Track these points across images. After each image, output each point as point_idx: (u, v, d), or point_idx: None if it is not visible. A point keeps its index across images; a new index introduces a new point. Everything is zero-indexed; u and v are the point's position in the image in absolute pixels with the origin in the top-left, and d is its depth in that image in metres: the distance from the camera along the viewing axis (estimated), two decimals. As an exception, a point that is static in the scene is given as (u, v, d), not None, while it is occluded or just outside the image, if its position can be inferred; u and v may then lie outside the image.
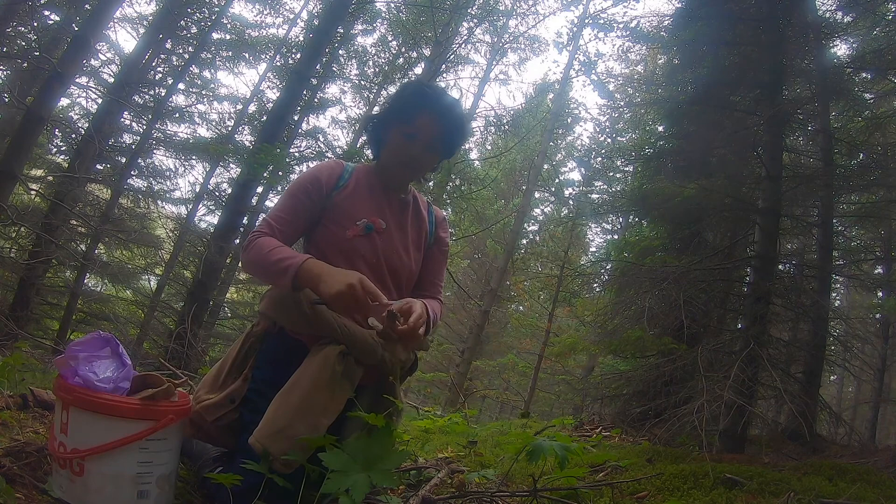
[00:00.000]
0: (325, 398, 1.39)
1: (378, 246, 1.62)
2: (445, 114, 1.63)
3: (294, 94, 6.87)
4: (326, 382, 1.40)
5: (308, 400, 1.37)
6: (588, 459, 2.48)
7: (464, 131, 1.72)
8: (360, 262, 1.58)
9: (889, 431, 11.49)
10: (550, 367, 13.25)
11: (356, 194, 1.65)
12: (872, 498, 2.01)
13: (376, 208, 1.66)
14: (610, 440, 4.08)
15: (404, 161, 1.65)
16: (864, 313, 8.95)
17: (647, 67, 13.12)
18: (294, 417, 1.35)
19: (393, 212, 1.69)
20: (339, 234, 1.59)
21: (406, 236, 1.70)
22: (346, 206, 1.62)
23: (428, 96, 1.65)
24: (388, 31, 11.87)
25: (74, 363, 1.29)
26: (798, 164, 4.71)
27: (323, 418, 1.38)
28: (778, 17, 3.98)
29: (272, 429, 1.34)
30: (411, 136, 1.62)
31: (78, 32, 5.32)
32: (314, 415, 1.37)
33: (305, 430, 1.35)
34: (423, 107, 1.62)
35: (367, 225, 1.61)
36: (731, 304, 4.78)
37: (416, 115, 1.61)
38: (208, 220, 10.81)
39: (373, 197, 1.67)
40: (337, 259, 1.56)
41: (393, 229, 1.67)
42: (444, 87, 1.78)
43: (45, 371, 3.18)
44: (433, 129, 1.62)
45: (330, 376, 1.40)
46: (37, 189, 6.92)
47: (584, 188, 13.33)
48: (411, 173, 1.71)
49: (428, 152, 1.66)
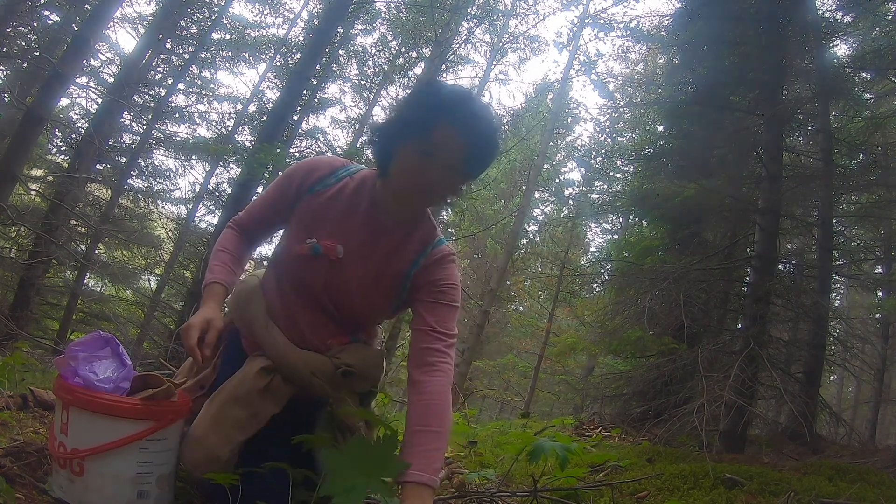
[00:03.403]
0: (241, 413, 1.33)
1: (323, 274, 1.37)
2: (473, 126, 1.26)
3: (294, 94, 6.87)
4: (243, 396, 1.34)
5: (223, 412, 1.33)
6: (588, 459, 2.48)
7: (495, 148, 1.33)
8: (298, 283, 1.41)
9: (889, 431, 11.49)
10: (550, 367, 13.25)
11: (328, 206, 1.38)
12: (872, 498, 2.01)
13: (343, 230, 1.38)
14: (610, 440, 4.08)
15: (420, 184, 1.29)
16: (864, 313, 8.95)
17: (647, 67, 13.12)
18: (209, 428, 1.31)
19: (366, 236, 1.39)
20: (291, 244, 1.40)
21: (367, 268, 1.39)
22: (308, 216, 1.39)
23: (450, 103, 1.27)
24: (387, 30, 11.87)
25: (74, 363, 1.29)
26: (798, 164, 4.71)
27: (236, 432, 1.31)
28: (778, 17, 3.98)
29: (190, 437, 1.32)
30: (428, 154, 1.26)
31: (78, 32, 5.33)
32: (227, 427, 1.31)
33: (217, 441, 1.30)
34: (444, 116, 1.25)
35: (314, 246, 1.36)
36: (731, 304, 4.79)
37: (433, 127, 1.25)
38: (208, 220, 10.82)
39: (348, 215, 1.38)
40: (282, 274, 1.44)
41: (352, 256, 1.38)
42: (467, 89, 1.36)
43: (45, 371, 3.18)
44: (457, 145, 1.26)
45: (247, 391, 1.34)
46: (37, 189, 6.92)
47: (584, 188, 13.34)
48: (427, 199, 1.36)
49: (449, 174, 1.30)
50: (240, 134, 10.52)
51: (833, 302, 7.62)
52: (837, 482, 2.21)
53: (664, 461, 2.62)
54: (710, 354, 3.58)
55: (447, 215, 13.74)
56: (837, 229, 5.03)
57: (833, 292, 6.56)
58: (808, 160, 4.76)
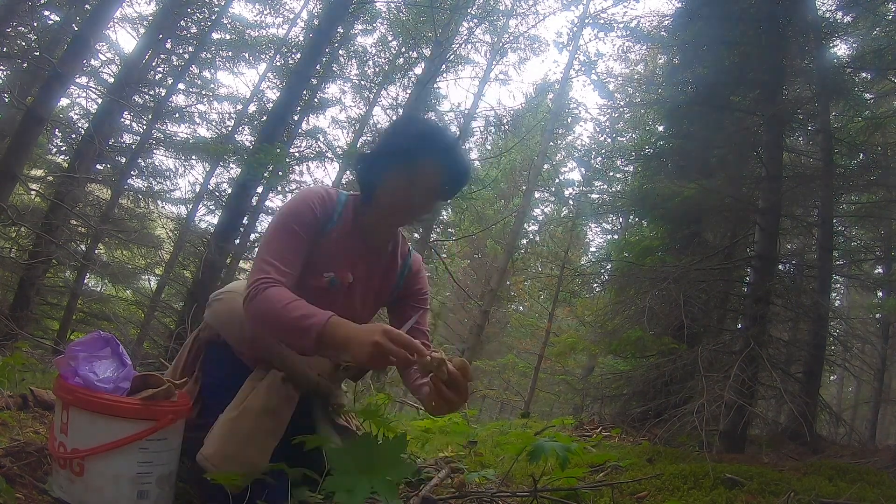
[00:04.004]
0: (273, 423, 1.43)
1: (336, 301, 1.53)
2: (450, 156, 1.51)
3: (294, 94, 6.88)
4: (274, 408, 1.43)
5: (259, 426, 1.40)
6: (588, 459, 2.48)
7: (468, 174, 1.59)
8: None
9: (889, 431, 11.49)
10: (550, 367, 13.25)
11: (339, 240, 1.54)
12: (872, 498, 2.01)
13: (350, 260, 1.56)
14: (610, 440, 4.08)
15: (404, 208, 1.52)
16: (864, 313, 8.95)
17: (647, 67, 13.11)
18: (244, 443, 1.37)
19: (365, 261, 1.59)
20: (306, 282, 1.49)
21: (369, 289, 1.62)
22: (324, 254, 1.52)
23: (431, 137, 1.50)
24: (388, 31, 11.87)
25: (74, 363, 1.29)
26: (798, 164, 4.71)
27: (271, 441, 1.42)
28: (778, 17, 3.98)
29: (223, 453, 1.35)
30: (412, 179, 1.48)
31: (78, 32, 5.33)
32: (263, 439, 1.40)
33: (255, 454, 1.37)
34: (427, 149, 1.48)
35: (332, 280, 1.52)
36: (731, 304, 4.79)
37: (418, 159, 1.47)
38: (208, 220, 10.83)
39: (352, 244, 1.56)
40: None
41: (358, 281, 1.58)
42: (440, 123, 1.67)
43: (45, 371, 3.19)
44: (437, 173, 1.49)
45: (277, 403, 1.44)
46: (37, 189, 6.93)
47: (584, 188, 13.33)
48: (408, 219, 1.60)
49: (429, 198, 1.54)
50: (240, 134, 10.53)
51: (833, 302, 7.63)
52: (837, 482, 2.21)
53: (664, 461, 2.62)
54: (710, 354, 3.58)
55: (447, 215, 13.78)
56: (837, 229, 5.03)
57: (833, 292, 6.57)
58: (808, 160, 4.76)
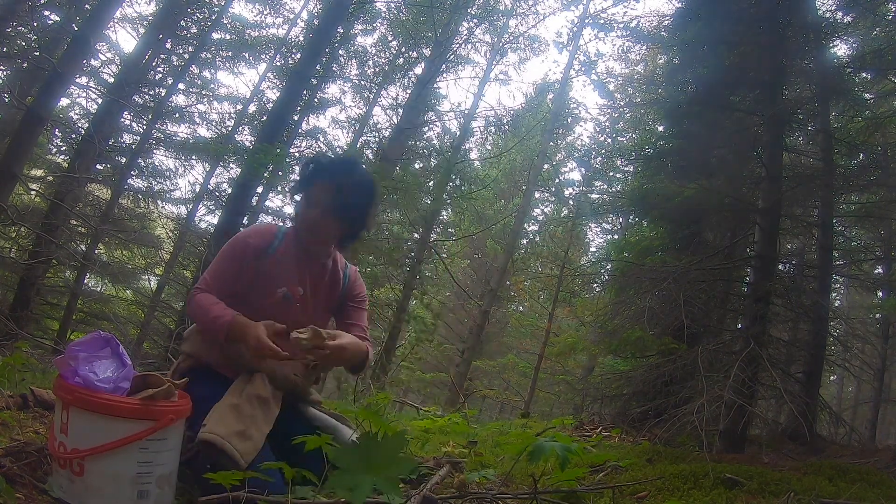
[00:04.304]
0: (267, 411, 1.65)
1: (292, 312, 1.79)
2: (341, 178, 1.77)
3: (294, 94, 6.87)
4: (268, 398, 1.67)
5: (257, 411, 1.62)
6: (588, 460, 2.48)
7: (364, 192, 1.83)
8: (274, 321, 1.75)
9: (889, 431, 11.49)
10: (550, 367, 13.24)
11: (283, 262, 1.80)
12: (872, 498, 2.01)
13: (297, 275, 1.82)
14: (610, 440, 4.08)
15: (307, 226, 1.79)
16: (864, 313, 8.95)
17: (647, 67, 13.11)
18: (248, 423, 1.57)
19: (312, 277, 1.85)
20: (262, 298, 1.78)
21: (319, 300, 1.88)
22: (271, 273, 1.79)
23: (323, 165, 1.81)
24: (388, 31, 11.85)
25: (74, 363, 1.29)
26: (798, 164, 4.70)
27: (266, 426, 1.62)
28: (778, 17, 3.98)
29: (231, 429, 1.52)
30: (310, 202, 1.77)
31: (78, 32, 5.33)
32: (261, 422, 1.61)
33: (256, 434, 1.57)
34: (319, 174, 1.78)
35: (285, 294, 1.78)
36: (731, 304, 4.78)
37: (312, 182, 1.77)
38: (208, 220, 10.82)
39: (297, 264, 1.82)
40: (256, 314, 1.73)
41: (309, 295, 1.84)
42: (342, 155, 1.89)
43: (45, 371, 3.19)
44: (329, 194, 1.75)
45: (268, 395, 1.68)
46: (37, 189, 6.93)
47: (584, 188, 13.32)
48: (315, 238, 1.82)
49: (327, 217, 1.77)
50: (240, 134, 10.51)
51: (833, 302, 7.63)
52: (837, 482, 2.21)
53: (664, 461, 2.61)
54: (710, 354, 3.58)
55: (447, 215, 13.77)
56: (837, 229, 5.02)
57: (833, 292, 6.56)
58: (808, 160, 4.75)
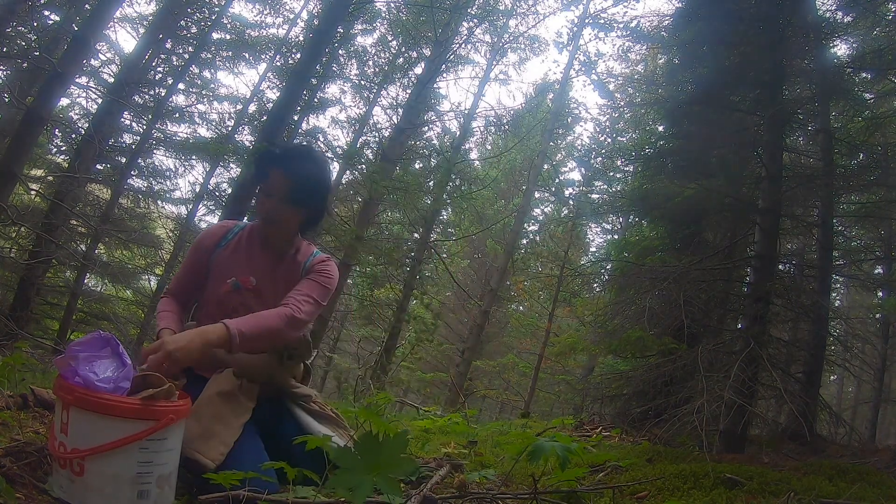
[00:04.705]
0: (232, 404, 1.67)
1: (246, 300, 1.84)
2: (293, 165, 1.80)
3: (294, 94, 6.86)
4: (229, 391, 1.68)
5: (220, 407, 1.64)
6: (588, 459, 2.48)
7: (318, 178, 1.85)
8: (231, 313, 1.75)
9: (889, 431, 11.50)
10: (550, 367, 13.25)
11: (234, 254, 1.87)
12: (872, 498, 2.01)
13: (249, 266, 1.86)
14: (610, 440, 4.08)
15: (263, 215, 1.84)
16: (864, 313, 8.96)
17: (647, 67, 13.10)
18: (212, 421, 1.60)
19: (266, 267, 1.88)
20: (216, 289, 1.85)
21: (276, 289, 1.87)
22: (223, 265, 1.86)
23: (275, 154, 1.83)
24: (388, 30, 11.84)
25: (74, 363, 1.29)
26: (798, 164, 4.70)
27: (234, 419, 1.64)
28: (778, 17, 3.97)
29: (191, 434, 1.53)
30: (266, 192, 1.81)
31: (78, 32, 5.33)
32: (227, 417, 1.63)
33: (223, 429, 1.59)
34: (272, 162, 1.80)
35: (234, 283, 1.83)
36: (731, 304, 4.78)
37: (267, 172, 1.80)
38: (208, 220, 10.81)
39: (249, 256, 1.88)
40: (215, 310, 1.83)
41: (264, 283, 1.86)
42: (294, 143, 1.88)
43: (45, 371, 3.19)
44: (283, 181, 1.78)
45: (231, 388, 1.69)
46: (37, 189, 6.93)
47: (584, 188, 13.30)
48: (272, 226, 1.86)
49: (283, 204, 1.80)
50: (240, 134, 10.51)
51: (833, 302, 7.62)
52: (837, 482, 2.21)
53: (664, 461, 2.61)
54: (710, 354, 3.57)
55: (447, 215, 13.77)
56: (837, 229, 5.02)
57: (833, 292, 6.55)
58: (808, 160, 4.75)
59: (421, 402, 11.36)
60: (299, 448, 1.45)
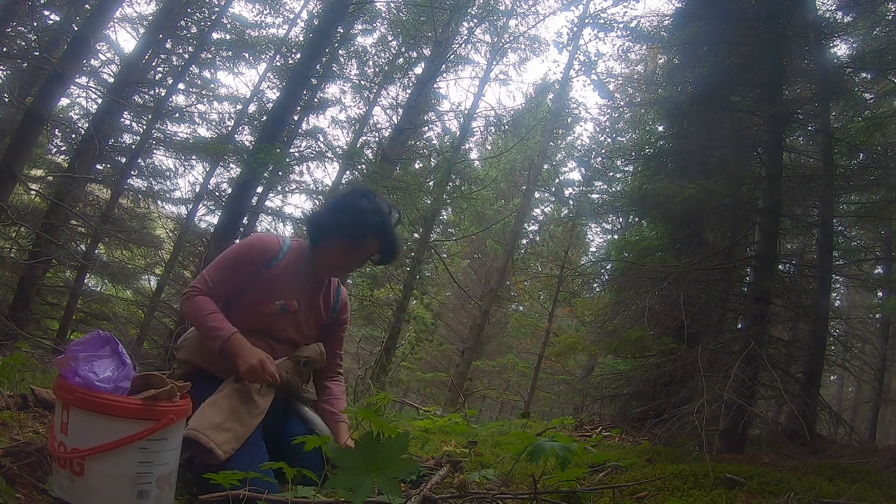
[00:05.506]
0: (250, 405, 1.72)
1: (286, 325, 1.91)
2: (391, 235, 1.91)
3: (294, 94, 6.87)
4: (248, 392, 1.74)
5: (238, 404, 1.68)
6: (588, 459, 2.48)
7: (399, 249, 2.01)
8: (267, 330, 1.88)
9: (889, 431, 11.50)
10: (550, 367, 13.26)
11: (283, 275, 1.90)
12: (872, 498, 2.01)
13: (296, 290, 1.92)
14: (610, 440, 4.08)
15: (343, 268, 1.95)
16: (864, 313, 8.95)
17: (647, 67, 13.11)
18: (229, 416, 1.63)
19: (309, 292, 1.97)
20: (259, 308, 1.87)
21: (312, 315, 1.98)
22: (270, 285, 1.88)
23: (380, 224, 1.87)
24: (388, 30, 11.85)
25: (74, 363, 1.29)
26: (798, 164, 4.70)
27: (249, 418, 1.68)
28: (778, 17, 3.97)
29: (207, 423, 1.57)
30: (355, 251, 1.89)
31: (78, 32, 5.32)
32: (243, 415, 1.67)
33: (238, 426, 1.63)
34: (374, 231, 1.87)
35: (282, 306, 1.88)
36: (731, 304, 4.78)
37: (366, 238, 1.87)
38: (208, 220, 10.80)
39: (296, 279, 1.92)
40: (250, 322, 1.86)
41: (303, 308, 1.94)
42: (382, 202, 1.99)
43: (45, 371, 3.19)
44: (377, 247, 1.92)
45: (249, 389, 1.75)
46: (37, 189, 6.93)
47: (584, 188, 13.32)
48: (343, 275, 2.05)
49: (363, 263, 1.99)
50: (240, 134, 10.50)
51: (833, 302, 7.62)
52: (837, 482, 2.21)
53: (664, 461, 2.61)
54: (710, 354, 3.58)
55: (447, 215, 13.77)
56: (837, 229, 5.02)
57: (833, 292, 6.56)
58: (808, 160, 4.75)
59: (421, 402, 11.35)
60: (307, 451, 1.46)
